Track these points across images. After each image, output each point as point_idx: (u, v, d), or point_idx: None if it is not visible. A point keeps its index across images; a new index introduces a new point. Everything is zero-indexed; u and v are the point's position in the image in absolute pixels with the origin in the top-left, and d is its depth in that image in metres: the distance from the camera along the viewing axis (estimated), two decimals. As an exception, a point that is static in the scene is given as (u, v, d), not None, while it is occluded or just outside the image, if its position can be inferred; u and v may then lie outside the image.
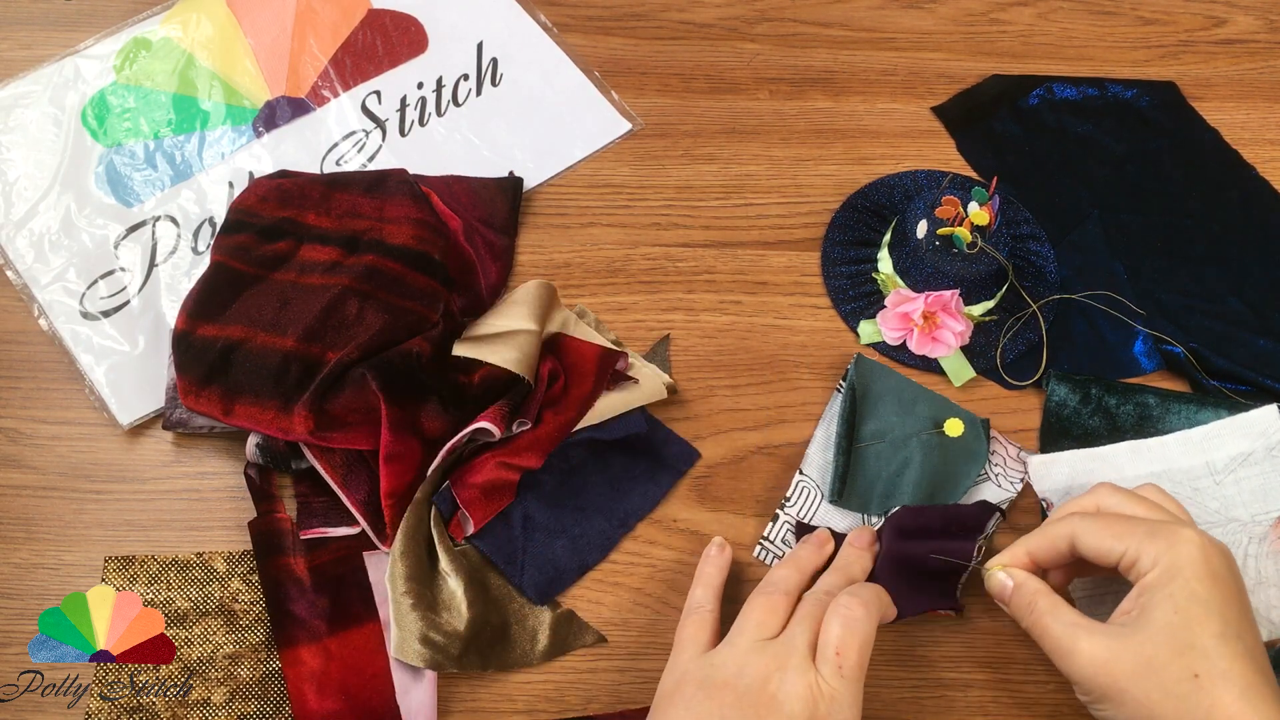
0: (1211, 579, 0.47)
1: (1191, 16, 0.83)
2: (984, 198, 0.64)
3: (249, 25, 0.78)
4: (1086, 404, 0.64)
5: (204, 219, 0.69)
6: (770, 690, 0.47)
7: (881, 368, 0.64)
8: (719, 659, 0.49)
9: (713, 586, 0.55)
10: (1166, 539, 0.48)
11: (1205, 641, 0.46)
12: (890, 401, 0.63)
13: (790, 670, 0.47)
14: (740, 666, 0.48)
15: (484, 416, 0.58)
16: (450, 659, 0.54)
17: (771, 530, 0.60)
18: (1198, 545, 0.48)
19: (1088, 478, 0.61)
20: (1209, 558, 0.48)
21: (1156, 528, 0.49)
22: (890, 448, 0.61)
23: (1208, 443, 0.61)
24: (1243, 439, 0.61)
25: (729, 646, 0.50)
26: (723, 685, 0.47)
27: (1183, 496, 0.59)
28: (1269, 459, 0.60)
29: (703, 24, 0.80)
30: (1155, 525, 0.49)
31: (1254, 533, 0.59)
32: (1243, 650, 0.46)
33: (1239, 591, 0.48)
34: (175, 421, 0.60)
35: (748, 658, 0.48)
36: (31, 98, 0.74)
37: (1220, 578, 0.47)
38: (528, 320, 0.62)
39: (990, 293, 0.66)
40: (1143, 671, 0.46)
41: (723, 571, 0.56)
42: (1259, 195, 0.74)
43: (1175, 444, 0.62)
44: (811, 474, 0.62)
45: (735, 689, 0.47)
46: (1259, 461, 0.60)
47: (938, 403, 0.63)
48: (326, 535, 0.58)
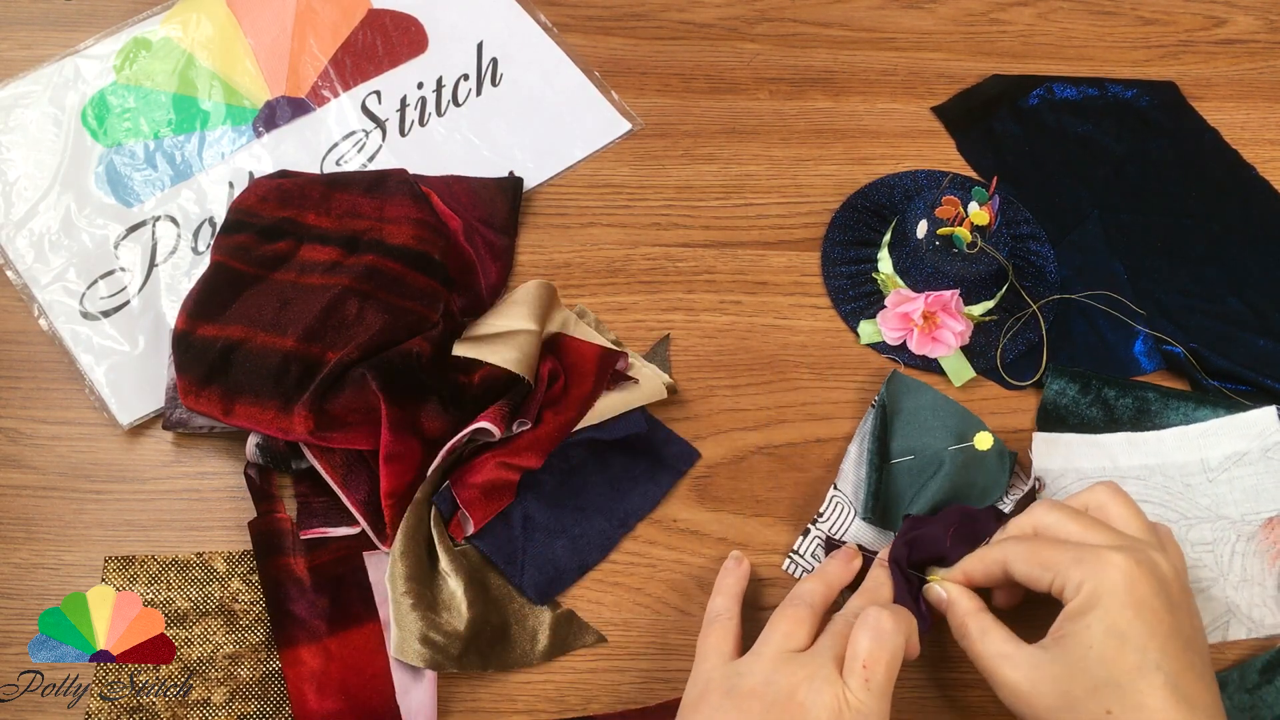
0: (1134, 608, 0.46)
1: (1191, 16, 0.83)
2: (984, 198, 0.64)
3: (249, 25, 0.78)
4: (1086, 394, 0.64)
5: (204, 219, 0.69)
6: (798, 699, 0.46)
7: (916, 383, 0.64)
8: (745, 668, 0.49)
9: (733, 595, 0.54)
10: (1091, 565, 0.47)
11: (1120, 677, 0.45)
12: (924, 417, 0.62)
13: (818, 680, 0.47)
14: (767, 676, 0.48)
15: (484, 416, 0.58)
16: (450, 659, 0.54)
17: (802, 544, 0.60)
18: (1122, 572, 0.47)
19: (1083, 462, 0.61)
20: (1133, 585, 0.46)
21: (1083, 554, 0.48)
22: (921, 463, 0.61)
23: (1204, 440, 0.62)
24: (1239, 438, 0.61)
25: (755, 656, 0.49)
26: (749, 694, 0.47)
27: (1174, 492, 0.60)
28: (1263, 460, 0.60)
29: (703, 24, 0.80)
30: (1082, 551, 0.48)
31: (1243, 531, 0.59)
32: (1161, 682, 0.45)
33: (1167, 615, 0.47)
34: (175, 421, 0.60)
35: (776, 667, 0.48)
36: (31, 98, 0.74)
37: (1145, 605, 0.46)
38: (528, 320, 0.62)
39: (990, 293, 0.66)
40: (1060, 706, 0.46)
41: (742, 582, 0.56)
42: (1259, 195, 0.74)
43: (1171, 439, 0.62)
44: (845, 489, 0.61)
45: (763, 698, 0.47)
46: (1253, 462, 0.60)
47: (970, 420, 0.62)
48: (327, 535, 0.58)
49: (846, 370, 0.66)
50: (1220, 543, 0.59)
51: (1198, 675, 0.46)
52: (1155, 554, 0.49)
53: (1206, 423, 0.62)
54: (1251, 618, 0.58)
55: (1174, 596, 0.48)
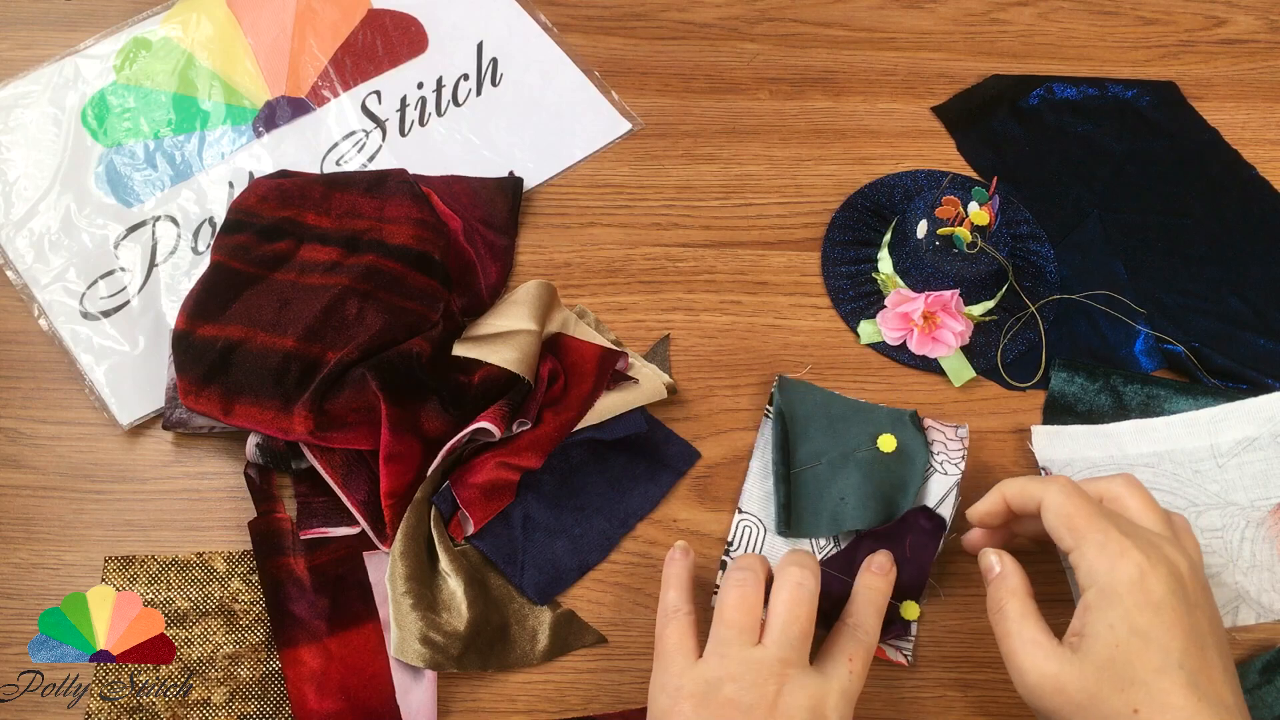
0: (1153, 609, 0.46)
1: (1191, 16, 0.83)
2: (984, 198, 0.64)
3: (249, 25, 0.78)
4: (1094, 381, 0.64)
5: (204, 219, 0.69)
6: (778, 706, 0.47)
7: (806, 386, 0.64)
8: (712, 672, 0.49)
9: (684, 586, 0.54)
10: (1110, 558, 0.48)
11: (1145, 676, 0.46)
12: (820, 421, 0.62)
13: (794, 683, 0.48)
14: (736, 679, 0.48)
15: (484, 416, 0.58)
16: (450, 659, 0.54)
17: (720, 579, 0.59)
18: (1137, 569, 0.47)
19: (1090, 452, 0.61)
20: (1148, 586, 0.47)
21: (1108, 541, 0.48)
22: (829, 469, 0.60)
23: (1214, 426, 0.62)
24: (1249, 424, 0.61)
25: (719, 658, 0.49)
26: (725, 703, 0.47)
27: (1183, 479, 0.60)
28: (1273, 445, 0.61)
29: (703, 24, 0.80)
30: (1109, 538, 0.48)
31: (1252, 517, 0.59)
32: (1184, 680, 0.45)
33: (1185, 616, 0.47)
34: (175, 421, 0.60)
35: (745, 670, 0.48)
36: (31, 98, 0.74)
37: (1161, 605, 0.47)
38: (527, 320, 0.62)
39: (990, 293, 0.66)
40: (1087, 703, 0.46)
41: (689, 571, 0.55)
42: (1259, 195, 0.74)
43: (1180, 425, 0.62)
44: (752, 510, 0.61)
45: (738, 704, 0.47)
46: (1264, 447, 0.61)
47: (865, 413, 0.62)
48: (326, 535, 0.58)
49: (847, 370, 0.66)
50: (1229, 529, 0.59)
51: (1219, 672, 0.47)
52: (1172, 550, 0.49)
53: (1216, 408, 0.62)
54: (1260, 603, 0.58)
55: (1191, 595, 0.48)
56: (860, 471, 0.59)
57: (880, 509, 0.58)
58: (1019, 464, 0.63)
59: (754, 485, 0.61)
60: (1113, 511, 0.51)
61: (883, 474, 0.59)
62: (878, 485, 0.59)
